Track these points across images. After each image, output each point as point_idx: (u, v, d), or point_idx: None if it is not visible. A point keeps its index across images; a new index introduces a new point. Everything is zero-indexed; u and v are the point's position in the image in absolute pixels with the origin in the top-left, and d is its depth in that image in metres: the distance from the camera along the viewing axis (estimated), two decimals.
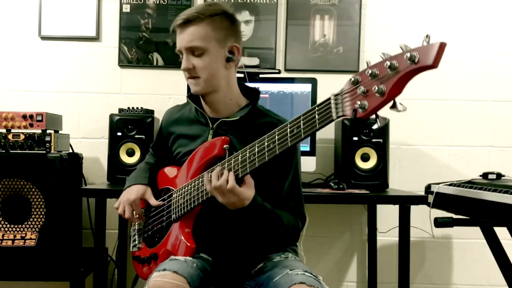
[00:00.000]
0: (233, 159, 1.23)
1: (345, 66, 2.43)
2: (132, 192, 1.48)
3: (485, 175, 1.85)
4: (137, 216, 1.49)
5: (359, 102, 0.95)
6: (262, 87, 2.14)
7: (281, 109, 2.12)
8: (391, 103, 0.94)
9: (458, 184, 1.80)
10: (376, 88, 0.93)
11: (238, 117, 1.41)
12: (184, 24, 1.35)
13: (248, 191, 1.22)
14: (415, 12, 2.44)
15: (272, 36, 2.44)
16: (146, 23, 2.45)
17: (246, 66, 2.22)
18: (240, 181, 1.21)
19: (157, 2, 2.44)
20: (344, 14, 2.42)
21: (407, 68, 0.89)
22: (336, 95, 1.01)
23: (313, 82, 2.14)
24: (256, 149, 1.18)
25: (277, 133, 1.15)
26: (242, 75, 2.07)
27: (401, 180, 2.42)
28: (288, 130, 1.11)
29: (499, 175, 1.84)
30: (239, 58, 1.44)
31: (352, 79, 0.98)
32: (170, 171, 1.52)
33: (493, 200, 1.55)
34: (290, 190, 1.40)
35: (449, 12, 2.44)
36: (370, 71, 0.94)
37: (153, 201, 1.47)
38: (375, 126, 0.98)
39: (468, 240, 2.44)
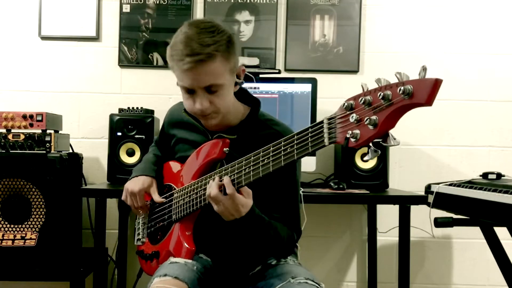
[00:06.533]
0: (229, 169, 1.22)
1: (345, 66, 2.43)
2: (138, 183, 1.46)
3: (485, 175, 1.86)
4: (140, 208, 1.47)
5: (350, 132, 0.92)
6: (262, 87, 2.15)
7: (281, 109, 2.13)
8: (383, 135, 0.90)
9: (458, 184, 1.80)
10: (369, 120, 0.89)
11: (235, 136, 1.35)
12: (198, 63, 1.20)
13: (246, 199, 1.19)
14: (415, 12, 2.44)
15: (272, 36, 2.44)
16: (146, 23, 2.45)
17: (246, 66, 2.21)
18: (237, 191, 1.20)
19: (157, 2, 2.44)
20: (344, 14, 2.42)
21: (400, 102, 0.85)
22: (329, 119, 0.98)
23: (313, 82, 2.14)
24: (252, 162, 1.16)
25: (271, 149, 1.12)
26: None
27: (401, 180, 2.42)
28: (282, 148, 1.08)
29: (499, 175, 1.84)
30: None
31: (346, 104, 0.94)
32: (173, 166, 1.51)
33: (493, 200, 1.55)
34: (288, 204, 1.36)
35: (449, 12, 2.44)
36: (363, 99, 0.91)
37: (156, 197, 1.45)
38: (366, 158, 0.95)
39: (468, 240, 2.44)
